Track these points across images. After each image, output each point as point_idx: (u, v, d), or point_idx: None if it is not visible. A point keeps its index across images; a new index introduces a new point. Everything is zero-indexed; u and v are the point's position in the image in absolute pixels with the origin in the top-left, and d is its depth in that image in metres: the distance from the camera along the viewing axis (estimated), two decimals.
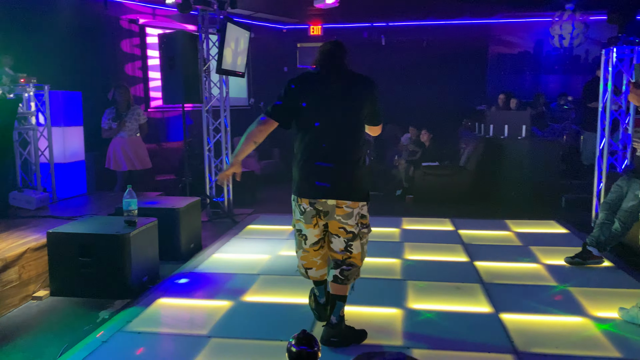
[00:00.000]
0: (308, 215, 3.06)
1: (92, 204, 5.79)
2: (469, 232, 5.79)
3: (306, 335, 1.53)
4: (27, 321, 3.59)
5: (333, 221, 3.04)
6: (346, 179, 3.01)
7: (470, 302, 3.82)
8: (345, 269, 3.11)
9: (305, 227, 3.11)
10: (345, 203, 3.00)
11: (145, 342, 3.23)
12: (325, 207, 3.01)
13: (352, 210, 3.03)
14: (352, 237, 3.07)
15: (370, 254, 4.89)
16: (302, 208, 3.07)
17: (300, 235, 3.17)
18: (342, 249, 3.10)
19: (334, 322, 3.12)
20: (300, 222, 3.13)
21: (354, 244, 3.10)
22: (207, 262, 4.83)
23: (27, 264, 3.92)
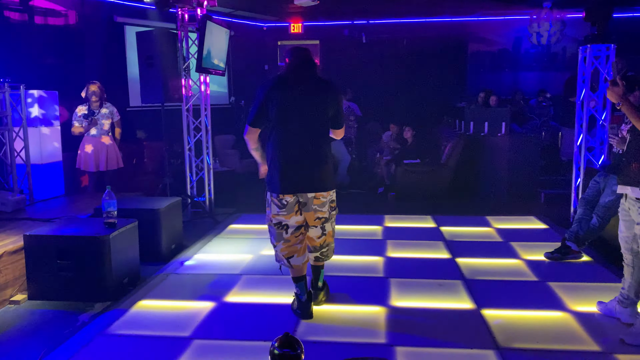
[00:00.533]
0: (290, 206, 3.42)
1: (70, 205, 5.70)
2: (451, 229, 5.83)
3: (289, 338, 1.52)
4: (4, 326, 3.52)
5: (310, 212, 3.45)
6: (321, 174, 3.42)
7: (453, 298, 3.85)
8: (324, 251, 3.63)
9: (286, 217, 3.44)
10: (322, 194, 3.44)
11: (127, 345, 3.18)
12: (304, 198, 3.42)
13: (326, 199, 3.47)
14: (325, 220, 3.52)
15: (353, 252, 4.94)
16: (283, 202, 3.41)
17: (281, 227, 3.48)
18: (319, 235, 3.55)
19: (321, 286, 3.76)
20: (280, 215, 3.45)
21: (327, 225, 3.55)
22: (188, 262, 4.79)
23: (3, 267, 3.85)
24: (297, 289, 3.56)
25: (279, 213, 3.43)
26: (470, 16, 10.20)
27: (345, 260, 4.75)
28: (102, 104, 6.20)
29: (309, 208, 3.43)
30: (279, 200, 3.40)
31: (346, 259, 4.80)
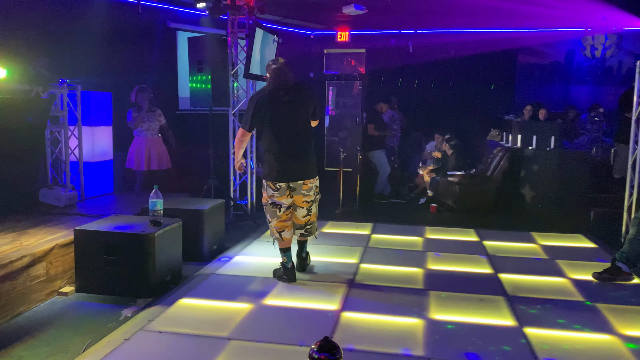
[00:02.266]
0: (283, 190, 4.25)
1: (119, 203, 5.89)
2: (494, 244, 5.70)
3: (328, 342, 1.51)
4: (52, 316, 3.66)
5: (299, 195, 4.29)
6: (308, 164, 4.29)
7: (494, 314, 3.76)
8: (308, 227, 4.48)
9: (279, 199, 4.28)
10: (309, 181, 4.28)
11: (166, 342, 3.25)
12: (295, 185, 4.25)
13: (312, 184, 4.32)
14: (311, 203, 4.38)
15: (392, 263, 4.90)
16: (277, 186, 4.24)
17: (275, 206, 4.31)
18: (304, 215, 4.39)
19: (305, 256, 4.63)
20: (274, 196, 4.28)
21: (312, 207, 4.40)
22: (229, 264, 4.86)
23: (54, 260, 4.00)
24: (285, 257, 4.37)
25: (273, 194, 4.27)
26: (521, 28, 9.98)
27: (385, 271, 4.71)
28: (151, 107, 6.42)
29: (299, 192, 4.26)
30: (273, 184, 4.23)
31: (385, 269, 4.76)
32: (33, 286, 3.77)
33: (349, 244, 5.58)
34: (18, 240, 4.08)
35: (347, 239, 5.81)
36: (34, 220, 4.73)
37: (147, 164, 6.46)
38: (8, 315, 3.53)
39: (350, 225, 6.47)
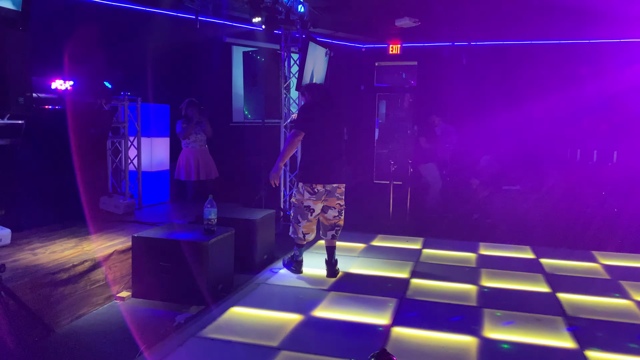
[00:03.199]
0: (320, 194, 4.61)
1: (174, 211, 6.06)
2: (552, 262, 5.48)
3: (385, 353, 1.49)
4: (110, 320, 3.79)
5: (333, 198, 4.68)
6: (343, 170, 4.72)
7: (552, 336, 3.60)
8: (337, 229, 4.81)
9: (314, 203, 4.63)
10: (342, 185, 4.73)
11: (218, 349, 3.30)
12: (331, 187, 4.63)
13: (343, 189, 4.74)
14: (343, 208, 4.79)
15: (444, 278, 4.79)
16: (315, 190, 4.58)
17: (308, 210, 4.65)
18: (335, 215, 4.74)
19: (334, 262, 4.84)
20: (310, 200, 4.61)
21: (343, 211, 4.79)
22: (279, 274, 4.89)
23: (113, 265, 4.15)
24: (299, 252, 4.85)
25: (309, 198, 4.60)
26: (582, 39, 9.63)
27: (437, 286, 4.61)
28: (200, 120, 6.58)
29: (333, 195, 4.66)
30: (311, 188, 4.56)
31: (437, 284, 4.66)
32: (93, 290, 3.92)
33: (399, 258, 5.50)
34: (80, 245, 4.26)
35: (397, 253, 5.74)
36: (95, 226, 4.91)
37: (196, 174, 6.61)
38: (70, 317, 3.68)
39: (400, 239, 6.38)
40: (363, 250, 5.87)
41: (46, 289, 3.47)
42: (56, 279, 3.55)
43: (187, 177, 6.62)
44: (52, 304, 3.51)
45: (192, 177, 6.61)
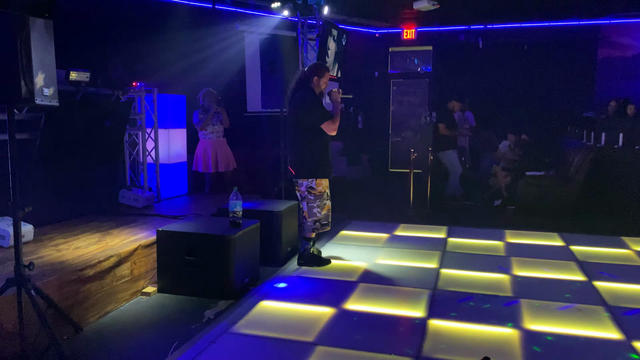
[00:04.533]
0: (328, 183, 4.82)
1: (194, 204, 5.95)
2: (583, 249, 5.33)
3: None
4: (138, 316, 3.69)
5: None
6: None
7: (595, 326, 3.47)
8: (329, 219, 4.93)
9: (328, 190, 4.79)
10: None
11: (253, 346, 3.20)
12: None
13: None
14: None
15: (474, 268, 4.66)
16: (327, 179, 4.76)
17: (327, 196, 4.76)
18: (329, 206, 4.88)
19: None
20: (328, 188, 4.75)
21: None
22: (305, 266, 4.78)
23: (138, 260, 4.05)
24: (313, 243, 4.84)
25: (327, 186, 4.74)
26: (601, 18, 9.39)
27: (468, 277, 4.49)
28: (217, 110, 6.44)
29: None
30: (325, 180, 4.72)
31: (468, 274, 4.54)
32: (119, 286, 3.83)
33: (425, 248, 5.38)
34: (103, 240, 4.17)
35: (422, 243, 5.61)
36: (116, 220, 4.83)
37: (214, 166, 6.50)
38: (97, 314, 3.59)
39: (423, 229, 6.25)
40: (387, 240, 5.75)
41: (74, 286, 3.38)
42: (83, 276, 3.46)
43: (205, 169, 6.51)
44: (79, 302, 3.42)
45: (210, 169, 6.50)
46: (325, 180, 4.72)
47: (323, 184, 4.69)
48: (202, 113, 6.45)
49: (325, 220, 4.79)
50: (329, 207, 4.82)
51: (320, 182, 4.67)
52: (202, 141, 6.49)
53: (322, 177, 4.66)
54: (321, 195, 4.69)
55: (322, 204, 4.72)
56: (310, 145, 4.63)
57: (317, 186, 4.66)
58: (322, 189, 4.69)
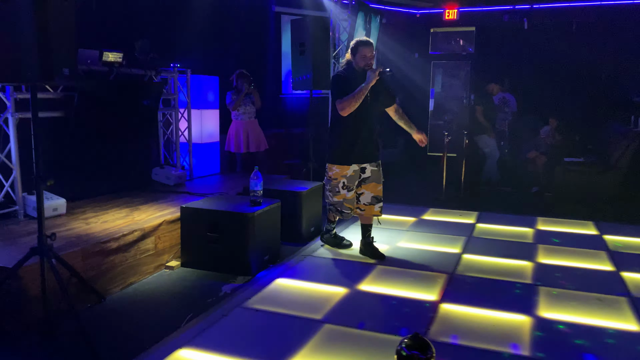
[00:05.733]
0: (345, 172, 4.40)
1: (224, 182, 6.10)
2: (616, 238, 5.13)
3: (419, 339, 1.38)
4: (159, 289, 3.86)
5: None
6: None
7: (614, 316, 3.36)
8: None
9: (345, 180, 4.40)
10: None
11: (262, 320, 3.29)
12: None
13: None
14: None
15: (499, 254, 4.58)
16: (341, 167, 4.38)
17: (345, 186, 4.38)
18: None
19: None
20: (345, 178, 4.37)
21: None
22: (326, 246, 4.83)
23: (162, 235, 4.22)
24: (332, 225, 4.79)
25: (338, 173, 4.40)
26: None
27: (490, 263, 4.42)
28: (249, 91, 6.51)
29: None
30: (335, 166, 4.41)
31: (490, 260, 4.47)
32: (143, 259, 4.01)
33: (451, 233, 5.32)
34: (131, 215, 4.35)
35: (449, 228, 5.55)
36: (146, 197, 5.03)
37: (245, 146, 6.58)
38: (121, 285, 3.78)
39: (453, 213, 6.17)
40: (413, 224, 5.71)
41: (97, 257, 3.56)
42: (106, 248, 3.64)
43: (237, 149, 6.62)
44: (103, 272, 3.61)
45: (242, 149, 6.61)
46: (339, 167, 4.34)
47: (334, 170, 4.37)
48: (235, 94, 6.55)
49: (341, 207, 4.46)
50: (345, 198, 4.40)
51: (331, 167, 4.39)
52: (234, 122, 6.60)
53: (331, 163, 4.39)
54: (330, 181, 4.41)
55: (334, 190, 4.40)
56: (331, 127, 4.51)
57: (329, 170, 4.42)
58: (333, 175, 4.38)
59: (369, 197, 4.44)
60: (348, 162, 4.33)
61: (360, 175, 4.41)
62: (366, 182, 4.43)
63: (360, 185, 4.44)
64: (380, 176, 4.47)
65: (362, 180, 4.43)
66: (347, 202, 4.43)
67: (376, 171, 4.43)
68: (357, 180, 4.40)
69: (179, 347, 2.90)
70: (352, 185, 4.38)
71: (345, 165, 4.33)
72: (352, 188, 4.39)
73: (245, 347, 2.92)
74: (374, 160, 4.42)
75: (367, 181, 4.43)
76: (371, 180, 4.42)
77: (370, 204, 4.45)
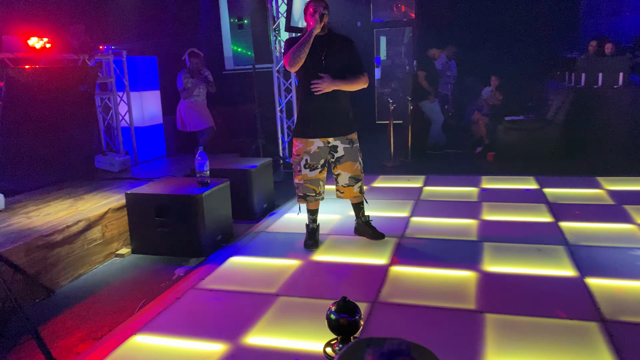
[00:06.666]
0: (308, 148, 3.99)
1: (171, 165, 6.01)
2: (555, 191, 5.39)
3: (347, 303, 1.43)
4: (110, 277, 3.81)
5: None
6: None
7: (553, 265, 3.56)
8: None
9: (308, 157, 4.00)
10: None
11: (216, 299, 3.31)
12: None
13: None
14: None
15: (445, 214, 4.73)
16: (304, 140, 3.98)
17: (307, 164, 3.99)
18: None
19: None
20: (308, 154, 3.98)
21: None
22: (279, 221, 4.87)
23: (109, 223, 4.14)
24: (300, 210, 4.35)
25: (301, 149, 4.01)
26: None
27: (437, 223, 4.57)
28: (200, 71, 6.37)
29: None
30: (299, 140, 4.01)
31: (437, 221, 4.62)
32: (91, 249, 3.93)
33: (400, 198, 5.44)
34: (74, 205, 4.24)
35: (398, 193, 5.68)
36: (90, 186, 4.90)
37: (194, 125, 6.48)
38: (69, 277, 3.70)
39: (401, 179, 6.31)
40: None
41: (42, 251, 3.47)
42: (51, 241, 3.55)
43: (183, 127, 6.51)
44: (49, 266, 3.52)
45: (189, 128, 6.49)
46: (302, 142, 3.92)
47: (297, 145, 3.95)
48: (187, 75, 6.34)
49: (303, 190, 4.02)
50: (306, 178, 3.96)
51: (295, 142, 3.98)
52: (182, 101, 6.44)
53: (294, 136, 3.99)
54: (294, 157, 4.03)
55: (296, 169, 3.99)
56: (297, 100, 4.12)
57: (293, 147, 4.03)
58: (296, 151, 3.97)
59: (346, 177, 4.02)
60: (308, 135, 3.89)
61: (333, 154, 3.97)
62: (340, 161, 3.97)
63: (336, 165, 4.02)
64: (356, 154, 4.01)
65: (337, 160, 3.98)
66: (309, 183, 3.98)
67: (349, 149, 3.95)
68: (323, 159, 3.95)
69: (134, 334, 2.89)
70: (317, 164, 3.93)
71: (306, 138, 3.90)
72: (317, 167, 3.93)
73: (201, 327, 2.93)
74: (342, 135, 3.93)
75: (342, 160, 3.96)
76: (346, 159, 3.96)
77: (348, 185, 4.05)
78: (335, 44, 3.88)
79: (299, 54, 3.70)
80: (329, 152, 3.98)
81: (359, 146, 4.06)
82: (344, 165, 3.99)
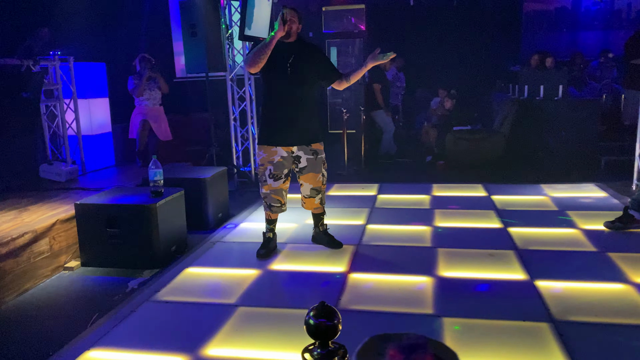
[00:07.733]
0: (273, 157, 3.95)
1: (121, 175, 5.84)
2: (503, 198, 5.60)
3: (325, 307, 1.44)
4: (59, 291, 3.65)
5: None
6: None
7: (504, 269, 3.69)
8: None
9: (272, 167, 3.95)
10: None
11: (173, 312, 3.23)
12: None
13: None
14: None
15: (399, 222, 4.82)
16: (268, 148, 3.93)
17: (271, 174, 3.95)
18: None
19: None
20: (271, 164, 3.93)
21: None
22: (235, 231, 4.82)
23: (57, 235, 3.97)
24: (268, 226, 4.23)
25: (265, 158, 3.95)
26: None
27: (392, 230, 4.65)
28: (151, 75, 6.26)
29: None
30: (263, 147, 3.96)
31: (392, 228, 4.70)
32: (37, 262, 3.75)
33: (355, 206, 5.51)
34: (19, 217, 4.04)
35: (353, 201, 5.74)
36: (36, 197, 4.69)
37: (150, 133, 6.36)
38: (14, 292, 3.52)
39: (356, 187, 6.38)
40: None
41: None
42: None
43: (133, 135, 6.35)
44: None
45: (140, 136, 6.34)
46: (265, 150, 3.86)
47: (261, 154, 3.89)
48: (137, 79, 6.23)
49: (269, 200, 3.99)
50: (271, 188, 3.91)
51: (258, 151, 3.93)
52: (137, 108, 6.31)
53: (258, 144, 3.93)
54: (259, 167, 3.96)
55: (262, 179, 3.94)
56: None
57: (257, 156, 3.98)
58: (260, 160, 3.91)
59: (307, 189, 4.00)
60: (270, 143, 3.84)
61: (297, 164, 3.93)
62: (303, 172, 3.93)
63: (299, 176, 3.99)
64: (319, 165, 3.94)
65: (300, 170, 3.94)
66: (274, 194, 3.94)
67: (312, 159, 3.89)
68: (287, 169, 3.91)
69: (88, 349, 2.77)
70: (280, 174, 3.88)
71: (268, 145, 3.85)
72: (280, 177, 3.89)
73: (158, 340, 2.85)
74: (304, 144, 3.86)
75: (304, 171, 3.92)
76: (308, 170, 3.91)
77: (309, 196, 4.03)
78: (303, 52, 3.87)
79: (260, 55, 3.63)
80: (292, 162, 3.94)
81: (324, 157, 4.01)
82: (307, 176, 3.96)
